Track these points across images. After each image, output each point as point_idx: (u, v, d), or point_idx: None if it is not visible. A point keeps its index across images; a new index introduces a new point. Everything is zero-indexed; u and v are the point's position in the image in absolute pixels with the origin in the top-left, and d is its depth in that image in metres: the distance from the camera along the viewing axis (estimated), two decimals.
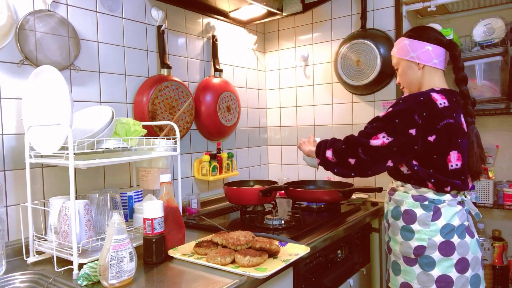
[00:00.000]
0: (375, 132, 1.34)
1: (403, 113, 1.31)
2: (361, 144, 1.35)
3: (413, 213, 1.36)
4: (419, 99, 1.32)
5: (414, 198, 1.38)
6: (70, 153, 1.12)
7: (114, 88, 1.67)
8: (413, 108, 1.30)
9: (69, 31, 1.48)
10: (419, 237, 1.34)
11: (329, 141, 1.49)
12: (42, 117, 1.28)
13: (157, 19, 1.84)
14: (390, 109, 1.35)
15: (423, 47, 1.44)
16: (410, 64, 1.46)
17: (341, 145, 1.41)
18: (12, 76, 1.35)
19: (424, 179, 1.34)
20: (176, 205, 1.36)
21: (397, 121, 1.31)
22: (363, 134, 1.38)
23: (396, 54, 1.51)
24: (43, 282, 1.12)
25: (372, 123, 1.39)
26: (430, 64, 1.44)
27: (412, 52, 1.45)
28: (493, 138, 2.11)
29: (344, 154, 1.39)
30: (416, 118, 1.29)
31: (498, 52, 1.88)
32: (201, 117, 2.04)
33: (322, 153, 1.47)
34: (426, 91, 1.37)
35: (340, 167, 1.43)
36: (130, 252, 1.07)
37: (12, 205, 1.35)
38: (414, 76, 1.47)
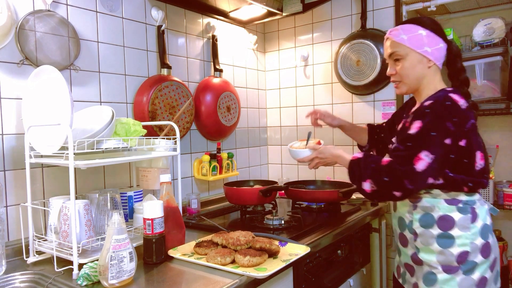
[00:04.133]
0: (414, 153, 1.18)
1: (437, 123, 1.18)
2: (407, 174, 1.18)
3: (450, 218, 1.24)
4: (446, 105, 1.20)
5: (447, 202, 1.26)
6: (70, 153, 1.12)
7: (114, 88, 1.67)
8: (444, 116, 1.18)
9: (69, 31, 1.48)
10: (461, 242, 1.23)
11: (363, 166, 1.27)
12: (42, 117, 1.28)
13: (157, 19, 1.84)
14: (418, 122, 1.20)
15: (437, 44, 1.29)
16: (422, 59, 1.29)
17: (382, 177, 1.21)
18: (12, 76, 1.35)
19: (459, 185, 1.25)
20: (176, 205, 1.36)
21: (433, 134, 1.17)
22: (403, 160, 1.20)
23: (407, 43, 1.30)
24: (43, 282, 1.12)
25: (405, 142, 1.22)
26: (438, 64, 1.32)
27: (428, 46, 1.28)
28: (493, 138, 2.11)
29: (388, 188, 1.21)
30: (449, 126, 1.18)
31: (498, 52, 1.88)
32: (201, 117, 2.04)
33: (357, 182, 1.28)
34: (443, 94, 1.24)
35: (380, 198, 1.30)
36: (130, 252, 1.07)
37: (12, 205, 1.35)
38: (421, 73, 1.31)
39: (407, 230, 1.33)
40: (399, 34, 1.32)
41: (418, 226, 1.29)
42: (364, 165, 1.27)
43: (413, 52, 1.29)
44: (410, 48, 1.29)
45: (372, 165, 1.26)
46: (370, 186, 1.24)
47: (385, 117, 2.13)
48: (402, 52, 1.30)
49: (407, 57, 1.30)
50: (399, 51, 1.31)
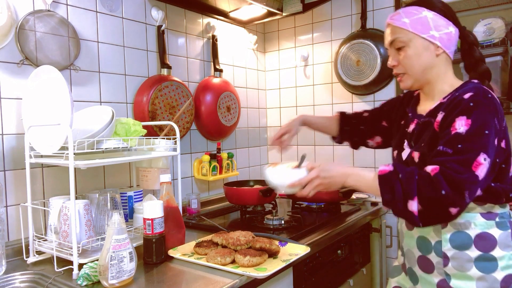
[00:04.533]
0: (472, 157, 0.95)
1: (487, 119, 0.99)
2: (469, 184, 0.94)
3: (490, 237, 1.04)
4: (489, 98, 1.02)
5: (485, 216, 1.06)
6: (70, 153, 1.12)
7: (114, 88, 1.67)
8: (491, 111, 1.00)
9: (69, 31, 1.48)
10: (504, 264, 1.03)
11: (404, 180, 0.98)
12: (42, 117, 1.28)
13: (157, 19, 1.84)
14: (464, 119, 0.99)
15: (447, 28, 1.10)
16: (429, 45, 1.10)
17: (438, 191, 0.93)
18: (12, 76, 1.35)
19: (499, 196, 1.05)
20: (176, 205, 1.36)
21: (487, 133, 0.97)
22: (459, 166, 0.95)
23: (410, 27, 1.10)
24: (43, 282, 1.12)
25: (453, 144, 0.98)
26: (449, 52, 1.12)
27: (435, 30, 1.09)
28: None
29: (444, 204, 0.94)
30: (496, 123, 0.99)
31: (498, 52, 1.87)
32: (201, 117, 2.04)
33: (399, 203, 0.98)
34: (477, 85, 1.06)
35: (431, 220, 0.98)
36: (130, 252, 1.07)
37: (12, 205, 1.35)
38: (428, 62, 1.11)
39: (434, 253, 1.09)
40: (400, 17, 1.12)
41: (450, 247, 1.06)
42: (405, 178, 0.98)
43: (417, 38, 1.10)
44: (413, 33, 1.10)
45: (415, 177, 0.98)
46: (418, 206, 0.96)
47: None
48: (404, 38, 1.11)
49: (410, 43, 1.11)
50: (401, 37, 1.12)
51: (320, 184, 1.11)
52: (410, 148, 1.17)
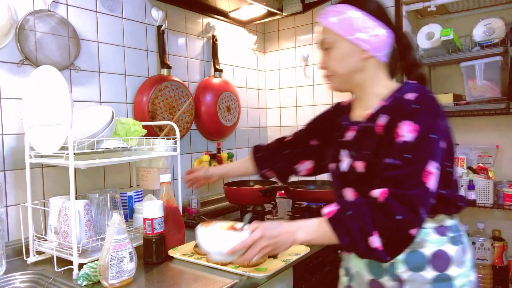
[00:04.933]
0: (421, 167, 0.88)
1: (433, 122, 0.92)
2: (422, 199, 0.87)
3: (445, 254, 0.96)
4: (433, 97, 0.96)
5: (438, 232, 0.97)
6: (70, 153, 1.12)
7: (114, 88, 1.67)
8: (436, 112, 0.94)
9: (69, 31, 1.48)
10: (460, 283, 0.96)
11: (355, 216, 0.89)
12: (42, 117, 1.28)
13: (157, 19, 1.84)
14: (410, 124, 0.91)
15: (376, 30, 1.01)
16: (354, 49, 1.02)
17: (393, 218, 0.85)
18: (12, 76, 1.35)
19: (449, 205, 0.98)
20: (176, 205, 1.36)
21: (434, 137, 0.91)
22: (409, 180, 0.88)
23: (335, 28, 1.02)
24: (43, 282, 1.12)
25: (401, 154, 0.90)
26: (378, 55, 1.03)
27: (362, 32, 1.00)
28: (493, 138, 2.11)
29: (403, 229, 0.86)
30: (440, 125, 0.93)
31: (498, 52, 1.88)
32: (201, 117, 2.04)
33: (360, 242, 0.87)
34: (418, 85, 1.00)
35: (397, 249, 0.89)
36: (130, 252, 1.07)
37: (12, 205, 1.35)
38: (354, 66, 1.04)
39: (387, 277, 0.99)
40: (328, 16, 1.05)
41: (405, 269, 0.97)
42: (355, 214, 0.88)
43: (342, 40, 1.02)
44: (339, 34, 1.02)
45: (364, 208, 0.88)
46: (380, 240, 0.86)
47: None
48: (330, 40, 1.04)
49: (336, 45, 1.03)
50: (327, 38, 1.04)
51: (267, 246, 0.93)
52: (351, 158, 1.06)
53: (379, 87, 1.06)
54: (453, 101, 2.03)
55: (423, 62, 2.12)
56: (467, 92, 2.00)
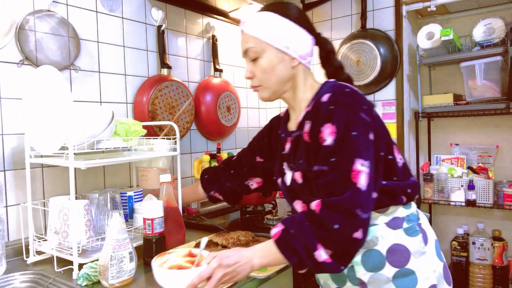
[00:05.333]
0: (348, 169, 0.86)
1: (351, 118, 0.89)
2: (355, 200, 0.84)
3: (402, 248, 0.93)
4: (348, 92, 0.93)
5: (390, 226, 0.95)
6: (70, 153, 1.12)
7: (114, 88, 1.67)
8: (354, 105, 0.91)
9: (69, 31, 1.48)
10: (424, 276, 0.93)
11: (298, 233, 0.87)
12: (42, 117, 1.28)
13: (157, 19, 1.84)
14: (329, 126, 0.90)
15: (301, 37, 1.01)
16: (283, 57, 1.00)
17: (331, 228, 0.83)
18: (12, 76, 1.35)
19: (396, 195, 0.95)
20: (176, 205, 1.36)
21: (355, 134, 0.88)
22: (338, 184, 0.86)
23: (262, 36, 1.00)
24: (43, 282, 1.12)
25: (327, 159, 0.89)
26: (305, 62, 1.04)
27: (289, 40, 0.99)
28: (493, 138, 2.11)
29: (346, 236, 0.84)
30: (364, 117, 0.91)
31: (498, 52, 1.88)
32: (201, 117, 2.04)
33: (308, 260, 0.86)
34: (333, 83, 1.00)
35: (346, 258, 0.87)
36: (130, 252, 1.07)
37: (12, 205, 1.35)
38: (284, 74, 1.02)
39: (349, 283, 0.97)
40: (253, 24, 1.01)
41: (364, 271, 0.94)
42: (298, 231, 0.87)
43: (270, 48, 1.00)
44: (266, 43, 1.00)
45: (305, 223, 0.87)
46: (326, 252, 0.85)
47: (385, 117, 2.13)
48: (257, 49, 1.01)
49: (263, 54, 1.01)
50: (253, 47, 1.01)
51: (224, 275, 0.89)
52: (291, 170, 1.05)
53: (307, 91, 1.05)
54: (453, 101, 2.03)
55: (423, 62, 2.12)
56: (467, 92, 2.00)
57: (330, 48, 1.08)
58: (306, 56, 1.03)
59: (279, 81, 1.03)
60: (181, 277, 0.90)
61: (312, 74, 1.08)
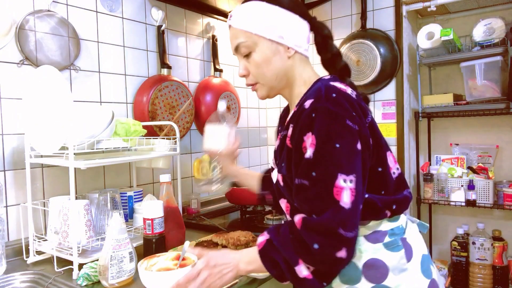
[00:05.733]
0: (330, 184, 0.78)
1: (334, 127, 0.81)
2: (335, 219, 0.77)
3: (379, 263, 0.87)
4: (333, 98, 0.83)
5: (370, 239, 0.89)
6: (70, 153, 1.12)
7: (114, 88, 1.67)
8: (339, 113, 0.82)
9: (69, 31, 1.48)
10: None
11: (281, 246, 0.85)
12: (42, 117, 1.28)
13: (157, 19, 1.84)
14: (310, 136, 0.82)
15: (295, 24, 0.94)
16: (277, 48, 0.93)
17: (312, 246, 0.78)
18: (12, 76, 1.35)
19: (379, 210, 0.88)
20: (176, 205, 1.36)
21: (338, 146, 0.79)
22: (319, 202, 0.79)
23: (252, 29, 0.93)
24: (43, 282, 1.12)
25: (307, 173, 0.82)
26: (302, 50, 0.97)
27: (282, 29, 0.92)
28: (493, 138, 2.11)
29: (327, 256, 0.79)
30: (350, 125, 0.81)
31: (498, 52, 1.88)
32: (201, 117, 2.04)
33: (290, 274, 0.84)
34: (321, 85, 0.87)
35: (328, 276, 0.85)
36: (130, 252, 1.07)
37: (12, 205, 1.35)
38: (280, 67, 0.95)
39: None
40: (241, 17, 0.95)
41: (339, 283, 0.89)
42: (281, 244, 0.84)
43: (263, 41, 0.93)
44: (257, 35, 0.93)
45: (289, 236, 0.84)
46: (307, 269, 0.82)
47: (385, 117, 2.13)
48: (248, 43, 0.94)
49: (256, 48, 0.94)
50: (244, 42, 0.94)
51: (210, 276, 0.88)
52: (277, 167, 1.00)
53: (302, 87, 0.97)
54: (453, 101, 2.03)
55: (423, 62, 2.12)
56: (467, 92, 2.00)
57: (327, 33, 0.98)
58: (302, 44, 0.96)
59: (275, 75, 0.95)
60: (164, 279, 0.92)
61: (309, 63, 1.01)
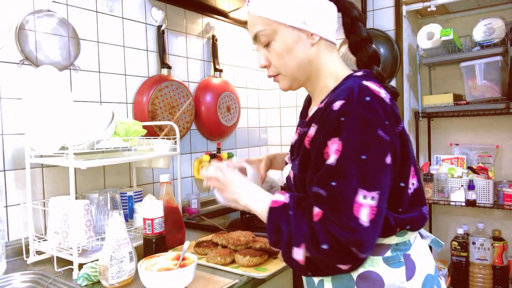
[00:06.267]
0: (350, 199, 0.71)
1: (365, 137, 0.73)
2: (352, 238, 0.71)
3: (375, 277, 0.80)
4: (366, 102, 0.75)
5: None
6: (70, 153, 1.12)
7: (114, 88, 1.67)
8: (372, 121, 0.73)
9: (69, 31, 1.48)
10: None
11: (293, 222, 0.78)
12: (42, 117, 1.28)
13: (157, 19, 1.84)
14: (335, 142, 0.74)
15: (319, 5, 0.85)
16: (299, 35, 0.85)
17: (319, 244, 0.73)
18: (12, 76, 1.35)
19: (392, 229, 0.80)
20: (176, 205, 1.36)
21: (365, 157, 0.72)
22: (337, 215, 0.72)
23: (267, 14, 0.84)
24: (43, 282, 1.12)
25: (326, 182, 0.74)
26: (328, 36, 0.88)
27: (304, 13, 0.83)
28: (493, 138, 2.11)
29: (329, 260, 0.75)
30: (382, 135, 0.74)
31: (498, 52, 1.88)
32: (201, 117, 2.04)
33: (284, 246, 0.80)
34: (354, 83, 0.78)
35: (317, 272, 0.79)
36: (130, 252, 1.07)
37: (12, 205, 1.35)
38: (304, 56, 0.86)
39: None
40: (259, 2, 0.86)
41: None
42: (294, 219, 0.79)
43: (283, 28, 0.85)
44: (277, 22, 0.84)
45: (305, 217, 0.78)
46: (303, 254, 0.77)
47: None
48: (268, 31, 0.86)
49: (275, 36, 0.86)
50: (263, 30, 0.86)
51: (217, 179, 0.92)
52: (291, 163, 0.94)
53: (330, 78, 0.89)
54: (453, 101, 2.03)
55: (423, 62, 2.12)
56: (467, 92, 2.00)
57: (356, 15, 0.89)
58: (328, 28, 0.87)
59: (298, 65, 0.87)
60: (164, 279, 0.94)
61: (336, 51, 0.92)
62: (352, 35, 0.91)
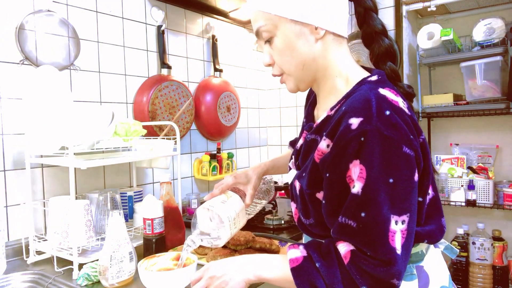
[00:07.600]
0: (384, 229, 0.66)
1: (389, 157, 0.67)
2: (391, 270, 0.66)
3: None
4: (386, 118, 0.67)
5: None
6: (70, 153, 1.12)
7: (114, 88, 1.67)
8: (394, 139, 0.67)
9: (69, 31, 1.48)
10: None
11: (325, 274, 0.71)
12: (42, 117, 1.28)
13: (157, 19, 1.84)
14: (357, 165, 0.68)
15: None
16: (301, 29, 0.77)
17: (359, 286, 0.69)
18: (12, 76, 1.35)
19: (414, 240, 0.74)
20: (176, 205, 1.36)
21: (392, 181, 0.67)
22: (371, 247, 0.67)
23: (268, 8, 0.78)
24: (43, 282, 1.13)
25: (357, 212, 0.68)
26: (336, 29, 0.79)
27: (306, 6, 0.76)
28: (493, 138, 2.11)
29: None
30: (407, 152, 0.68)
31: (498, 52, 1.88)
32: (201, 117, 2.04)
33: None
34: (370, 94, 0.70)
35: None
36: (130, 252, 1.07)
37: (12, 205, 1.35)
38: (307, 52, 0.79)
39: None
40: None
41: None
42: (325, 269, 0.71)
43: (284, 22, 0.77)
44: (278, 16, 0.77)
45: (334, 262, 0.71)
46: None
47: None
48: (268, 26, 0.79)
49: (277, 32, 0.79)
50: (264, 25, 0.79)
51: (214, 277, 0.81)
52: (296, 170, 0.88)
53: (340, 78, 0.81)
54: (453, 101, 2.03)
55: (423, 62, 2.12)
56: (467, 92, 2.00)
57: (370, 4, 0.82)
58: (335, 20, 0.78)
59: (302, 62, 0.79)
60: (164, 279, 0.94)
61: (347, 46, 0.83)
62: (365, 26, 0.84)
